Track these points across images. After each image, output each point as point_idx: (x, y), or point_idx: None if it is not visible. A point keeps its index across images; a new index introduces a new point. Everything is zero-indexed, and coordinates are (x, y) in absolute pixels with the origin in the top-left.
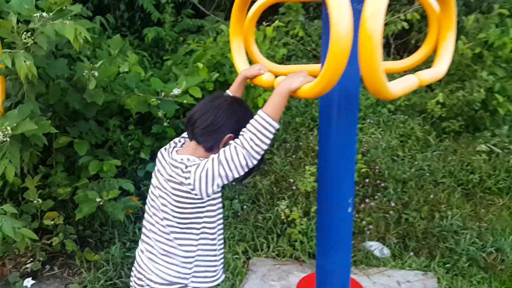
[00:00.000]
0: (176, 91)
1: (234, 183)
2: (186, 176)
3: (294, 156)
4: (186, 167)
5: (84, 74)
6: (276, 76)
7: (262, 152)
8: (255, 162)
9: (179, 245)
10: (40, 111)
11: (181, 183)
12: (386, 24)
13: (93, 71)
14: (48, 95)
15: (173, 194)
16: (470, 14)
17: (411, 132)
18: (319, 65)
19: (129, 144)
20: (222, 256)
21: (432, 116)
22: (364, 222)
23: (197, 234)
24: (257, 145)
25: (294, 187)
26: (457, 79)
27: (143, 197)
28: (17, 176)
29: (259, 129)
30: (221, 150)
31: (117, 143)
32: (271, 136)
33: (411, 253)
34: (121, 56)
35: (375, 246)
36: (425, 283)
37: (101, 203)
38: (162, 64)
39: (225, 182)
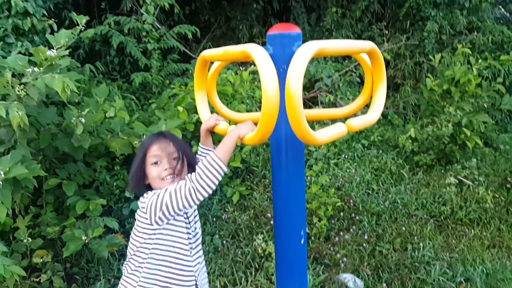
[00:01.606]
0: None
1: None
2: (143, 201)
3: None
4: (146, 195)
5: (72, 120)
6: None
7: (208, 189)
8: (200, 197)
9: (132, 265)
10: (31, 155)
11: (141, 209)
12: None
13: (80, 118)
14: (39, 140)
15: (137, 219)
16: (443, 51)
17: (385, 166)
18: None
19: (115, 183)
20: None
21: (405, 151)
22: (339, 255)
23: (143, 258)
24: (203, 180)
25: (272, 222)
26: (429, 114)
27: (127, 234)
28: (8, 216)
29: (207, 167)
30: (175, 183)
31: (103, 183)
32: (218, 175)
33: (384, 285)
34: (108, 102)
35: (348, 278)
36: None
37: (86, 241)
38: (149, 105)
39: (171, 211)
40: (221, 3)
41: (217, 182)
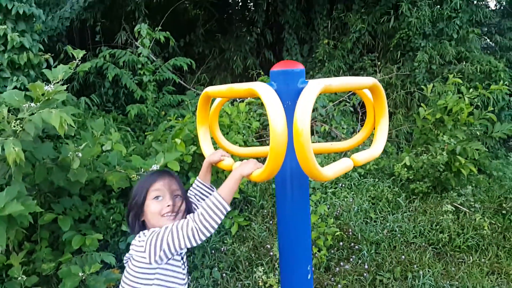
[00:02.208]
0: (155, 167)
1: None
2: (141, 239)
3: (271, 222)
4: (144, 233)
5: (69, 155)
6: (235, 159)
7: (211, 229)
8: (203, 237)
9: None
10: (26, 190)
11: (137, 249)
12: (353, 94)
13: (77, 152)
14: (34, 175)
15: (133, 258)
16: (433, 80)
17: (382, 194)
18: None
19: (111, 217)
20: None
21: (400, 179)
22: (340, 286)
23: None
24: (206, 220)
25: (271, 253)
26: (422, 142)
27: (124, 269)
28: (2, 253)
29: (210, 207)
30: (176, 221)
31: (100, 217)
32: (221, 215)
33: None
34: (104, 134)
35: None
36: None
37: (83, 278)
38: (145, 137)
39: (172, 250)
40: (215, 35)
41: (219, 222)
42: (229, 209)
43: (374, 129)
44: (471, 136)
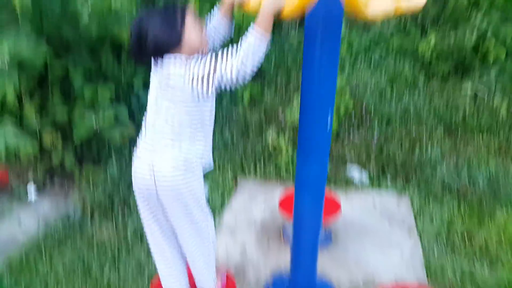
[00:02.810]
0: None
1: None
2: (183, 65)
3: (284, 94)
4: (181, 63)
5: (78, 8)
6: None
7: (256, 63)
8: (246, 74)
9: (172, 134)
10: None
11: (180, 78)
12: None
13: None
14: (42, 27)
15: (171, 99)
16: None
17: (401, 74)
18: None
19: (122, 74)
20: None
21: (423, 59)
22: (347, 152)
23: (191, 126)
24: (249, 58)
25: (282, 120)
26: (452, 23)
27: (137, 125)
28: (15, 99)
29: (253, 45)
30: (219, 58)
31: (110, 74)
32: (263, 48)
33: (388, 176)
34: None
35: (355, 171)
36: (399, 203)
37: (97, 130)
38: (153, 5)
39: (216, 84)
40: None
41: (262, 55)
42: (267, 43)
43: None
44: (507, 20)
